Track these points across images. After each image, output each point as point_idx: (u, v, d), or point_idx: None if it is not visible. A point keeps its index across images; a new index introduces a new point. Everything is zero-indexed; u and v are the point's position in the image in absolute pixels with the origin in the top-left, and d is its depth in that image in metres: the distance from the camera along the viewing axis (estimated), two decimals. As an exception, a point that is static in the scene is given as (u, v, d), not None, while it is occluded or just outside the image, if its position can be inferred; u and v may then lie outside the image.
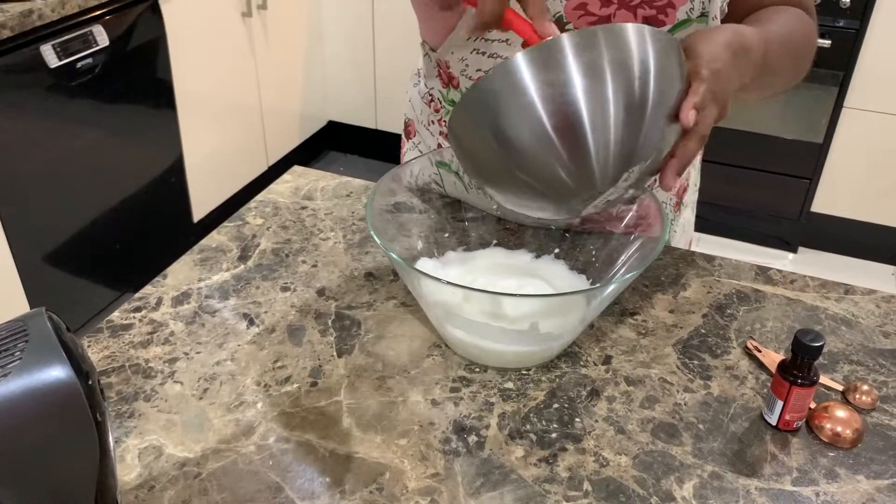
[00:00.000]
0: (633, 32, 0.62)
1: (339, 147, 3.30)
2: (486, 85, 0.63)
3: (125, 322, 0.85)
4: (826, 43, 2.31)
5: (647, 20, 0.80)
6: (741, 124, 2.54)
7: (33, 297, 1.92)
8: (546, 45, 0.61)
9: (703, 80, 0.64)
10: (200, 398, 0.76)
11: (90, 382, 0.51)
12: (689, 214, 1.05)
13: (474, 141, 0.67)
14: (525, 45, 0.68)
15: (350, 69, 3.03)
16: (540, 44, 0.62)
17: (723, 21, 0.86)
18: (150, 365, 0.80)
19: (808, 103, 2.44)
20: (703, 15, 0.82)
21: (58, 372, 0.48)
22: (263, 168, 2.83)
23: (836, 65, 2.36)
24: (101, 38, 1.95)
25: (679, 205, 1.01)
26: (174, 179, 2.36)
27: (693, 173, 1.02)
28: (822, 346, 0.69)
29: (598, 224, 0.92)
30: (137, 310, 0.87)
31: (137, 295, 0.89)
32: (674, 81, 0.64)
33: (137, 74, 2.12)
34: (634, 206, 0.88)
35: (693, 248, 1.05)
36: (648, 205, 0.83)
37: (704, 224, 2.75)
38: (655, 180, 0.96)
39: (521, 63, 0.61)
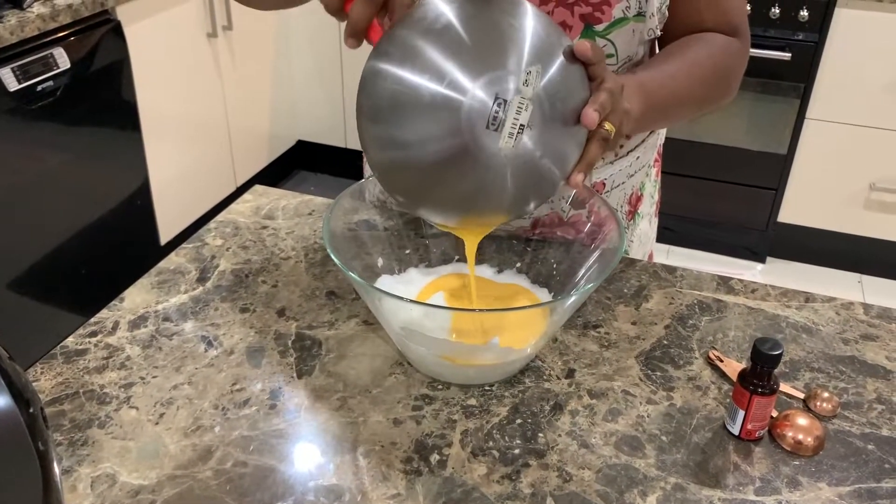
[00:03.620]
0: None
1: (309, 166, 3.29)
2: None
3: (80, 347, 0.83)
4: (786, 56, 2.35)
5: (583, 17, 0.82)
6: (707, 137, 2.57)
7: (-5, 325, 1.88)
8: None
9: (603, 90, 0.67)
10: (156, 423, 0.74)
11: (31, 411, 0.49)
12: (646, 226, 1.05)
13: (376, 105, 0.67)
14: None
15: (318, 88, 3.03)
16: None
17: (664, 27, 0.87)
18: (104, 391, 0.78)
19: (771, 115, 2.48)
20: (640, 14, 0.83)
21: (-4, 400, 0.47)
22: (232, 189, 2.81)
23: (797, 77, 2.40)
24: (63, 60, 1.93)
25: (633, 214, 1.01)
26: (140, 202, 2.33)
27: (648, 184, 1.03)
28: (780, 355, 0.69)
29: (549, 230, 0.92)
30: (93, 334, 0.85)
31: (93, 319, 0.88)
32: (560, 37, 0.67)
33: (101, 97, 2.09)
34: (585, 212, 0.88)
35: (662, 262, 1.06)
36: (602, 214, 0.83)
37: (673, 236, 2.77)
38: (601, 185, 0.96)
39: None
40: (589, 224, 0.87)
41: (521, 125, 0.64)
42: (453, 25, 0.65)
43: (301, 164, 3.28)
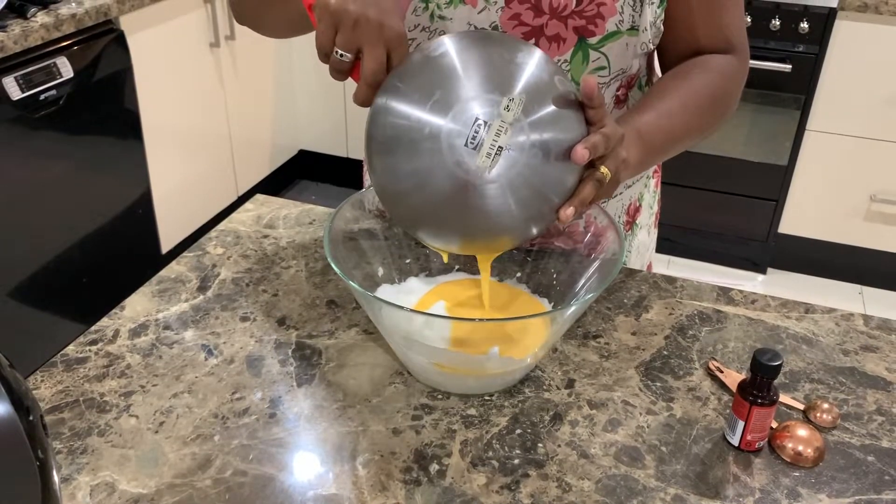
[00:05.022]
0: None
1: (311, 176, 3.29)
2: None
3: (80, 355, 0.83)
4: (787, 67, 2.35)
5: (577, 30, 0.82)
6: (708, 148, 2.57)
7: (-4, 333, 1.88)
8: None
9: (600, 133, 0.69)
10: (156, 432, 0.74)
11: (31, 419, 0.49)
12: (644, 237, 1.05)
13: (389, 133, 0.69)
14: None
15: (320, 98, 3.04)
16: None
17: (659, 44, 0.88)
18: (104, 399, 0.78)
19: (771, 126, 2.48)
20: (634, 28, 0.83)
21: (-4, 408, 0.47)
22: (233, 198, 2.82)
23: (797, 89, 2.40)
24: (66, 69, 1.93)
25: (631, 224, 1.01)
26: (141, 211, 2.33)
27: (647, 195, 1.03)
28: (780, 366, 0.69)
29: (546, 240, 0.92)
30: (93, 343, 0.85)
31: (94, 327, 0.88)
32: (557, 76, 0.70)
33: (103, 106, 2.10)
34: (582, 223, 0.89)
35: (663, 272, 1.06)
36: (602, 224, 0.83)
37: (674, 247, 2.77)
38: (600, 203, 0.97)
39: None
40: (589, 234, 0.87)
41: (499, 147, 0.65)
42: (448, 58, 0.68)
43: (302, 173, 3.29)
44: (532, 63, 0.68)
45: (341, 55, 0.69)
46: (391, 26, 0.69)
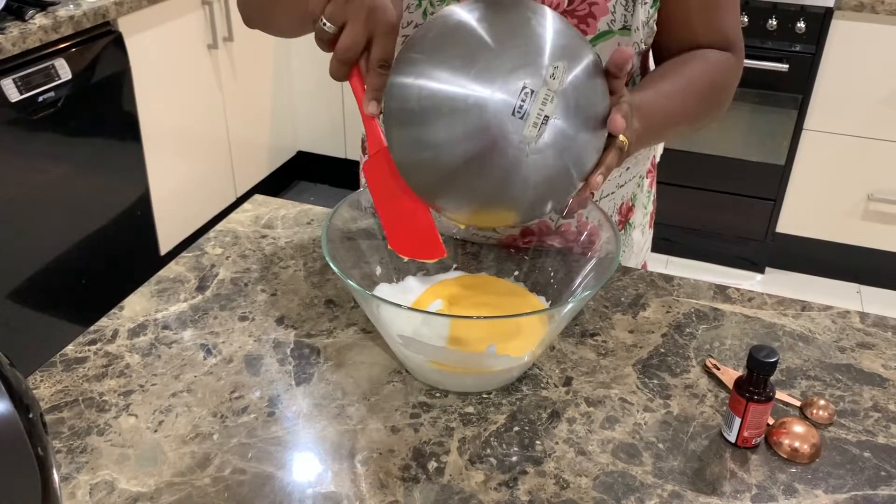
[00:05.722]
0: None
1: (309, 177, 3.30)
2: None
3: (79, 355, 0.84)
4: (784, 67, 2.36)
5: None
6: (706, 148, 2.57)
7: (-5, 335, 1.88)
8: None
9: (624, 102, 0.70)
10: (155, 431, 0.74)
11: (31, 416, 0.49)
12: (638, 236, 1.05)
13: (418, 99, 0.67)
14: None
15: (318, 99, 3.04)
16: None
17: (653, 43, 0.88)
18: (104, 398, 0.78)
19: (769, 126, 2.49)
20: (626, 27, 0.84)
21: (-4, 406, 0.47)
22: (232, 199, 2.82)
23: (794, 88, 2.41)
24: (64, 71, 1.94)
25: (624, 224, 1.02)
26: (140, 213, 2.34)
27: (640, 195, 1.03)
28: (776, 362, 0.70)
29: (539, 238, 0.92)
30: (92, 342, 0.86)
31: (93, 327, 0.88)
32: (585, 42, 0.70)
33: (101, 108, 2.10)
34: (575, 222, 0.89)
35: (661, 272, 1.06)
36: (597, 222, 0.84)
37: (672, 247, 2.78)
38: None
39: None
40: (585, 233, 0.87)
41: (545, 116, 0.65)
42: (478, 25, 0.66)
43: (301, 174, 3.29)
44: (561, 25, 0.67)
45: (325, 24, 0.68)
46: (383, 10, 0.67)
